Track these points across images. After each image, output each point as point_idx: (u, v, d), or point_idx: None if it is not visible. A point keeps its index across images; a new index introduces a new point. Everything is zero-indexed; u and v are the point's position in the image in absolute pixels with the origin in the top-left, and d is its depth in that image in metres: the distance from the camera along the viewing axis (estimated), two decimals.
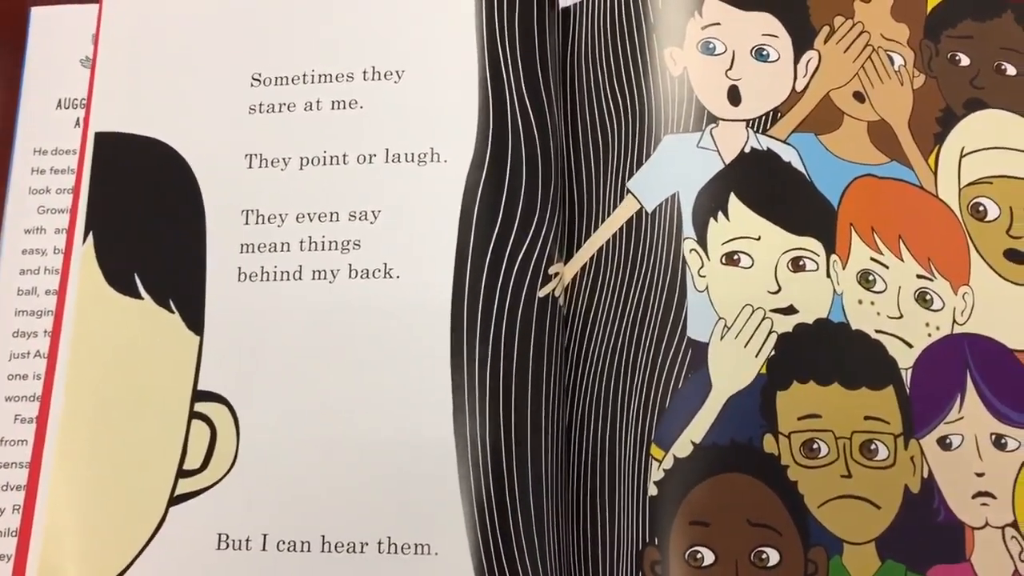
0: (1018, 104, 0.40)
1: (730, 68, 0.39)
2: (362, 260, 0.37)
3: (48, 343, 0.39)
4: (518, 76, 0.38)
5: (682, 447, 0.35)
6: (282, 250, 0.38)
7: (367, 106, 0.39)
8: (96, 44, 0.41)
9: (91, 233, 0.39)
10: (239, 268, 0.38)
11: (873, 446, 0.35)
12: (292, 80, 0.40)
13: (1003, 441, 0.36)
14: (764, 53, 0.40)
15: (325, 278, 0.37)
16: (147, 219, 0.39)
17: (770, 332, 0.36)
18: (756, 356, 0.36)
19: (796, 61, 0.40)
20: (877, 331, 0.36)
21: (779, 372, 0.36)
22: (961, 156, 0.39)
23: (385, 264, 0.37)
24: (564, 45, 0.42)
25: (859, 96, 0.39)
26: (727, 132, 0.39)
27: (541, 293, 0.37)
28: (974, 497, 0.35)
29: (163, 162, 0.39)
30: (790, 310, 0.37)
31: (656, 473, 0.35)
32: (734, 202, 0.38)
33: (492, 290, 0.36)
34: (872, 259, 0.37)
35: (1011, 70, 0.40)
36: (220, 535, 0.35)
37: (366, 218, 0.37)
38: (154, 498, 0.36)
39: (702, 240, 0.37)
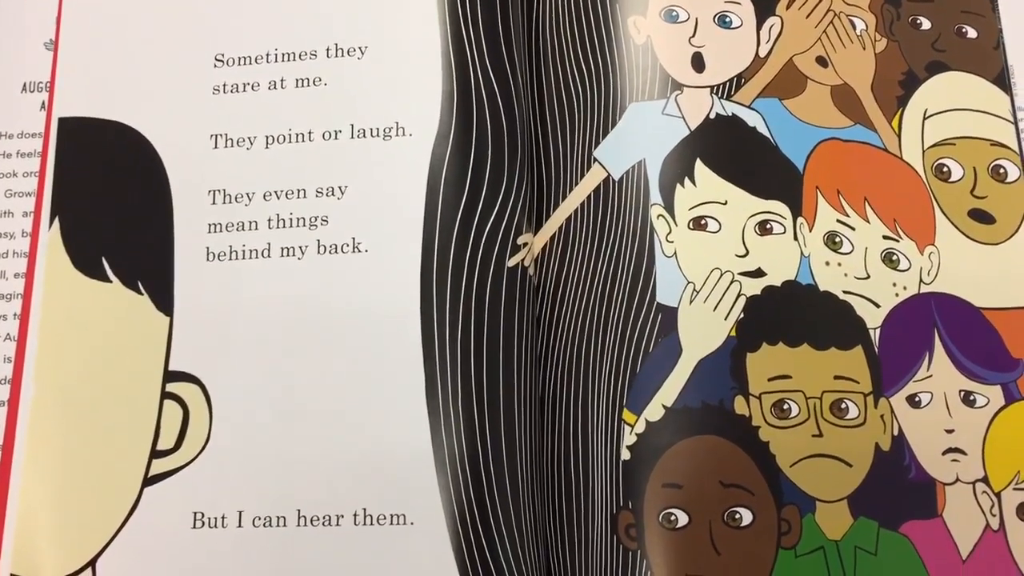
0: (979, 66, 0.40)
1: (693, 35, 0.39)
2: (330, 235, 0.37)
3: (17, 326, 0.38)
4: (482, 47, 0.38)
5: (654, 411, 0.35)
6: (250, 228, 0.38)
7: (331, 83, 0.39)
8: (58, 28, 0.41)
9: (57, 218, 0.38)
10: (207, 248, 0.38)
11: (843, 405, 0.35)
12: (255, 60, 0.40)
13: (972, 398, 0.36)
14: (727, 20, 0.40)
15: (294, 255, 0.37)
16: (113, 202, 0.38)
17: (739, 295, 0.36)
18: (725, 319, 0.36)
19: (759, 27, 0.40)
20: (845, 292, 0.37)
21: (749, 334, 0.36)
22: (924, 118, 0.39)
23: (353, 239, 0.37)
24: (528, 15, 0.41)
25: (822, 61, 0.40)
26: (692, 98, 0.39)
27: (511, 263, 0.37)
28: (944, 453, 0.35)
29: (128, 145, 0.39)
30: (758, 273, 0.37)
31: (628, 438, 0.35)
32: (700, 167, 0.38)
33: (461, 261, 0.36)
34: (838, 221, 0.37)
35: (972, 32, 0.40)
36: (196, 513, 0.35)
37: (333, 194, 0.37)
38: (128, 479, 0.35)
39: (669, 206, 0.37)
